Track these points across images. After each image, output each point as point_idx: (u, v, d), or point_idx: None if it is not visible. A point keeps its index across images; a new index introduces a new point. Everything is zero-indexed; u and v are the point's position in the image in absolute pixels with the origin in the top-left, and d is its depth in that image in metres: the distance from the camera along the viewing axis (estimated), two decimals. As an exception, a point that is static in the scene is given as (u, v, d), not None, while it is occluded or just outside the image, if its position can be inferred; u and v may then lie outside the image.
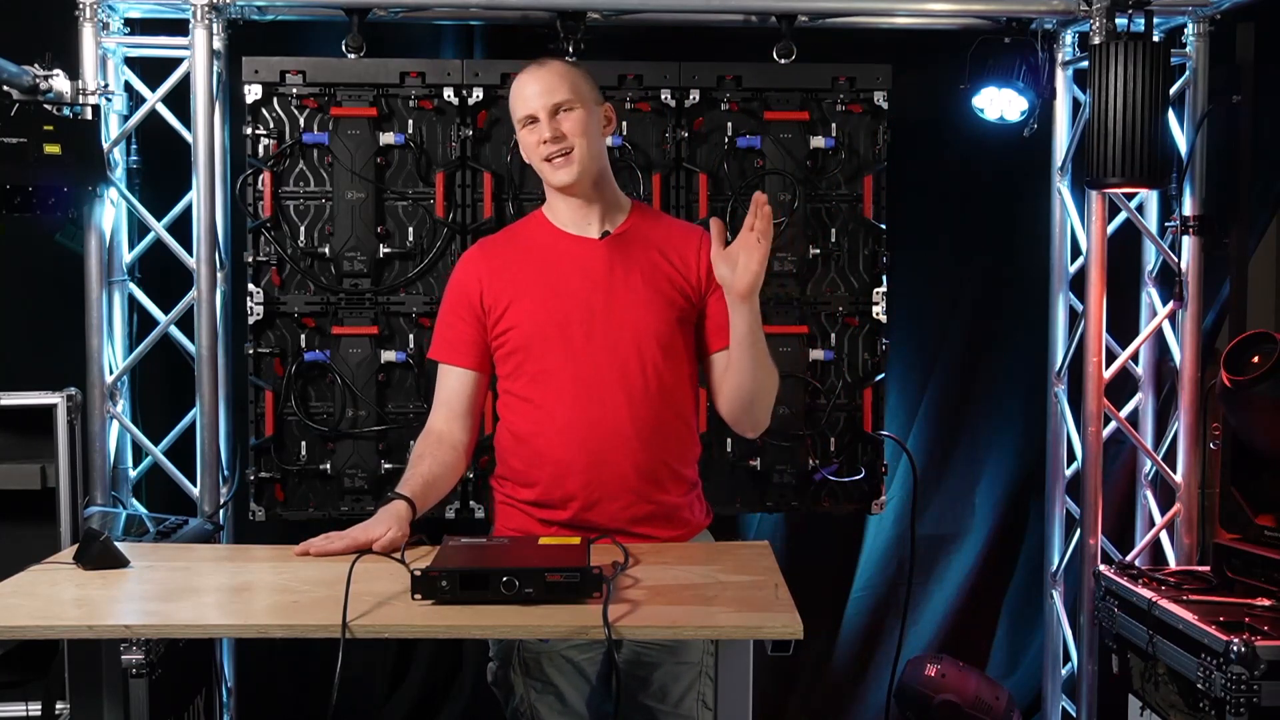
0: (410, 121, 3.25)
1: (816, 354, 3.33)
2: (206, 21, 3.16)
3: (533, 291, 2.34)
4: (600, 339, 2.31)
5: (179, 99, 3.27)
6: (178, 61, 3.27)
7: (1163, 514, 3.53)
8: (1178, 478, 3.48)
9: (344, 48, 3.20)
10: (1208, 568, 3.11)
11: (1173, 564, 3.49)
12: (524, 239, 2.43)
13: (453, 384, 2.40)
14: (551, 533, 2.29)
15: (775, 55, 3.28)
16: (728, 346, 2.36)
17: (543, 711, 2.34)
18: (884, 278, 3.35)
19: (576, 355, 2.31)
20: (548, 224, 2.41)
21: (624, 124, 3.25)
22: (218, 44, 3.21)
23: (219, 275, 3.28)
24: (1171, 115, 3.33)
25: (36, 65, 3.08)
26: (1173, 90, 3.29)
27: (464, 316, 2.39)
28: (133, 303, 3.43)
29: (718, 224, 2.25)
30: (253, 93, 3.23)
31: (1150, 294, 3.56)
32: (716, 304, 2.39)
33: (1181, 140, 3.44)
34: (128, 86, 3.36)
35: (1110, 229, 3.43)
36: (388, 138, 3.23)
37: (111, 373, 3.32)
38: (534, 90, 2.30)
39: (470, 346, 2.38)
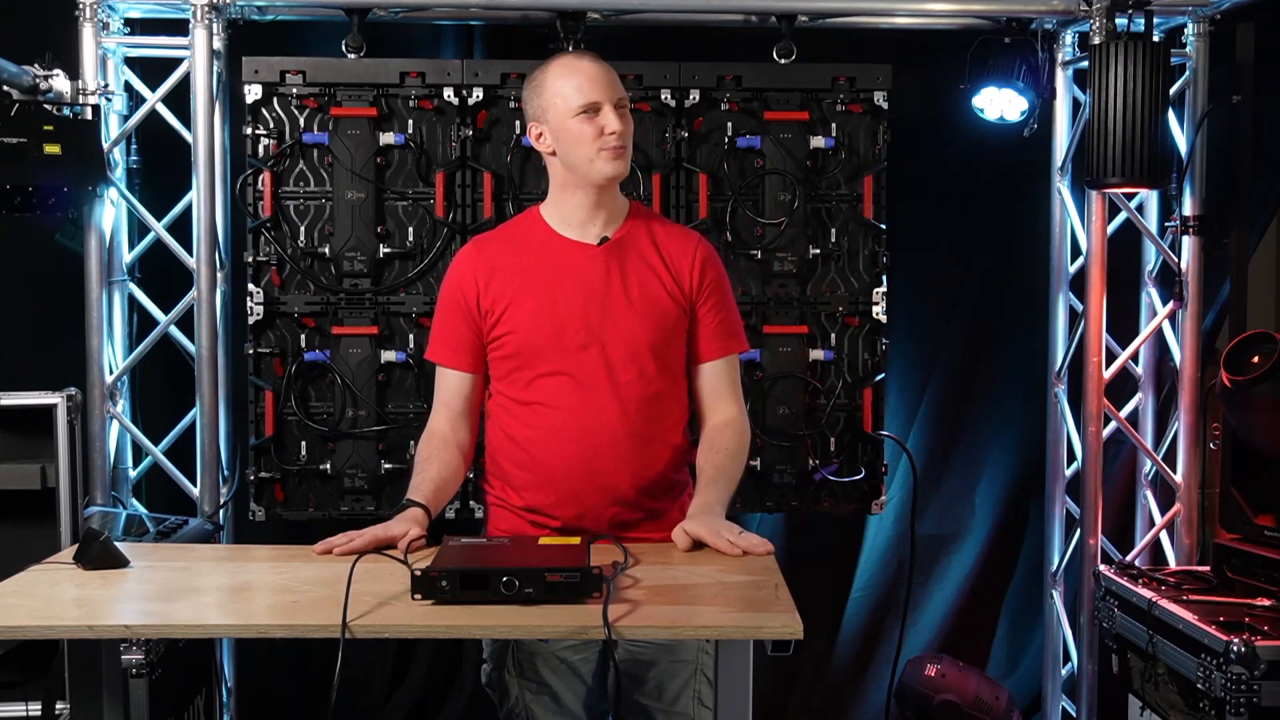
0: (410, 121, 3.25)
1: (816, 354, 3.33)
2: (206, 21, 3.16)
3: (529, 296, 2.34)
4: (595, 345, 2.31)
5: (179, 99, 3.27)
6: (178, 61, 3.27)
7: (1163, 514, 3.53)
8: (1178, 478, 3.48)
9: (344, 48, 3.20)
10: (1208, 568, 3.11)
11: (1173, 564, 3.49)
12: (521, 240, 2.42)
13: (452, 385, 2.40)
14: (543, 535, 2.29)
15: (775, 55, 3.28)
16: (715, 359, 2.40)
17: (537, 712, 2.34)
18: (884, 278, 3.35)
19: (571, 361, 2.31)
20: (545, 226, 2.40)
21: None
22: (218, 44, 3.21)
23: (219, 275, 3.28)
24: (1171, 115, 3.33)
25: (36, 65, 3.08)
26: (1173, 90, 3.29)
27: (460, 319, 2.38)
28: (133, 303, 3.43)
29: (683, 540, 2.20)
30: (253, 93, 3.23)
31: (1150, 294, 3.56)
32: (707, 314, 2.40)
33: (1181, 140, 3.44)
34: (128, 86, 3.36)
35: (1110, 229, 3.42)
36: (388, 138, 3.23)
37: (111, 373, 3.32)
38: (603, 79, 2.28)
39: (467, 348, 2.39)
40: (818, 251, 3.32)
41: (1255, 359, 2.89)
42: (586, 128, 2.28)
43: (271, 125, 3.25)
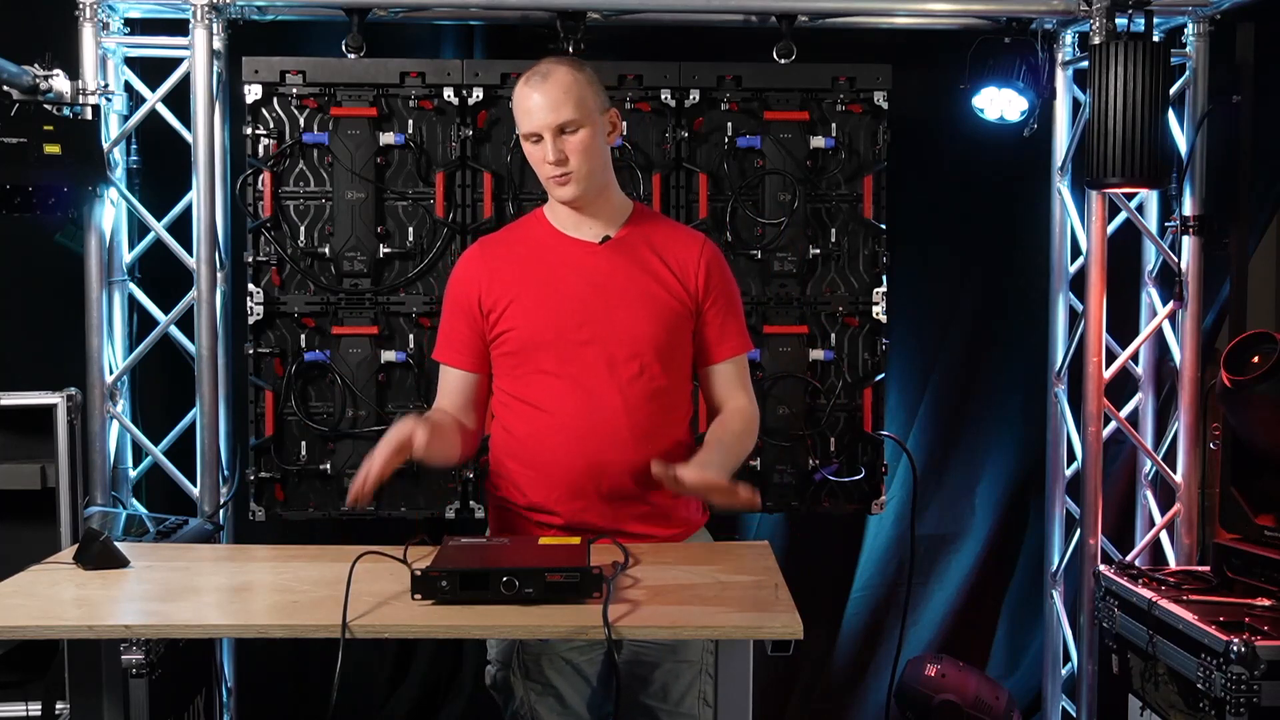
0: (410, 121, 3.25)
1: (816, 354, 3.33)
2: (206, 21, 3.16)
3: (531, 293, 2.34)
4: (598, 342, 2.31)
5: (179, 99, 3.27)
6: (178, 61, 3.27)
7: (1163, 514, 3.53)
8: (1178, 478, 3.48)
9: (344, 48, 3.20)
10: (1208, 568, 3.11)
11: (1173, 564, 3.49)
12: (524, 239, 2.43)
13: (455, 384, 2.41)
14: (548, 534, 2.29)
15: (775, 55, 3.28)
16: (725, 360, 2.40)
17: (543, 713, 2.34)
18: (884, 278, 3.35)
19: (574, 358, 2.31)
20: (548, 225, 2.41)
21: (624, 124, 3.24)
22: (218, 44, 3.21)
23: (219, 275, 3.28)
24: (1171, 115, 3.33)
25: (36, 65, 3.08)
26: (1173, 90, 3.29)
27: (463, 319, 2.39)
28: (133, 303, 3.43)
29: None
30: (253, 93, 3.23)
31: (1150, 294, 3.56)
32: (714, 315, 2.39)
33: (1181, 140, 3.44)
34: (128, 86, 3.36)
35: (1110, 229, 3.43)
36: (388, 138, 3.23)
37: (111, 373, 3.32)
38: (540, 107, 2.25)
39: (470, 348, 2.39)
40: (818, 251, 3.32)
41: (1255, 359, 2.89)
42: (535, 151, 2.31)
43: (271, 125, 3.25)
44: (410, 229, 3.27)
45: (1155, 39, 3.06)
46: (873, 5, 3.36)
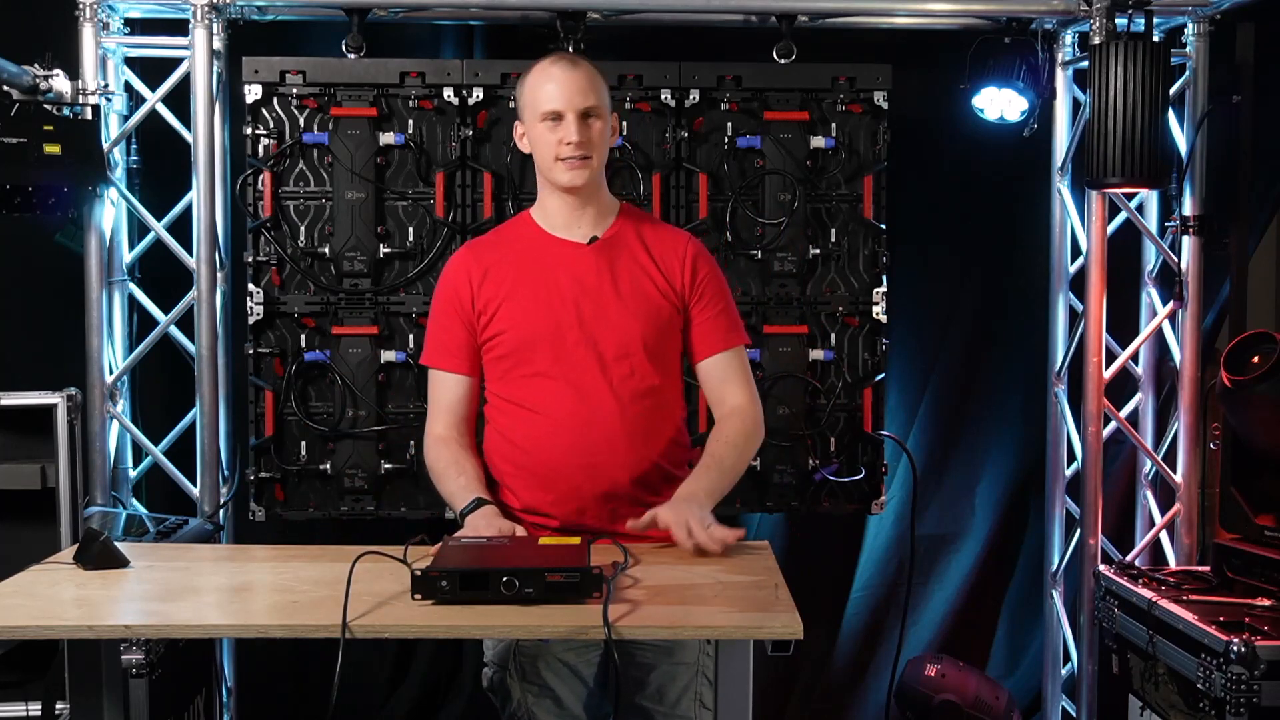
0: (410, 121, 3.25)
1: (816, 354, 3.33)
2: (206, 21, 3.16)
3: (522, 295, 2.35)
4: (589, 343, 2.32)
5: (179, 99, 3.27)
6: (178, 61, 3.27)
7: (1163, 514, 3.53)
8: (1178, 478, 3.48)
9: (344, 48, 3.20)
10: (1208, 568, 3.11)
11: (1173, 564, 3.49)
12: (513, 242, 2.43)
13: (452, 390, 2.40)
14: (543, 535, 2.29)
15: (775, 55, 3.28)
16: (718, 354, 2.40)
17: (539, 715, 2.34)
18: (884, 278, 3.35)
19: (566, 359, 2.31)
20: (536, 227, 2.41)
21: (624, 124, 3.24)
22: (218, 44, 3.21)
23: (219, 275, 3.28)
24: (1171, 115, 3.33)
25: (36, 65, 3.08)
26: (1173, 90, 3.29)
27: (456, 320, 2.38)
28: (133, 303, 3.43)
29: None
30: (253, 93, 3.23)
31: (1150, 294, 3.56)
32: (703, 310, 2.40)
33: (1181, 140, 3.44)
34: (128, 86, 3.36)
35: (1110, 229, 3.43)
36: (388, 138, 3.23)
37: (111, 373, 3.32)
38: (569, 88, 2.27)
39: (464, 351, 2.38)
40: (818, 251, 3.32)
41: (1255, 359, 2.89)
42: (550, 135, 2.30)
43: (271, 125, 3.25)
44: (410, 229, 3.27)
45: (1155, 39, 3.06)
46: (873, 5, 3.36)
